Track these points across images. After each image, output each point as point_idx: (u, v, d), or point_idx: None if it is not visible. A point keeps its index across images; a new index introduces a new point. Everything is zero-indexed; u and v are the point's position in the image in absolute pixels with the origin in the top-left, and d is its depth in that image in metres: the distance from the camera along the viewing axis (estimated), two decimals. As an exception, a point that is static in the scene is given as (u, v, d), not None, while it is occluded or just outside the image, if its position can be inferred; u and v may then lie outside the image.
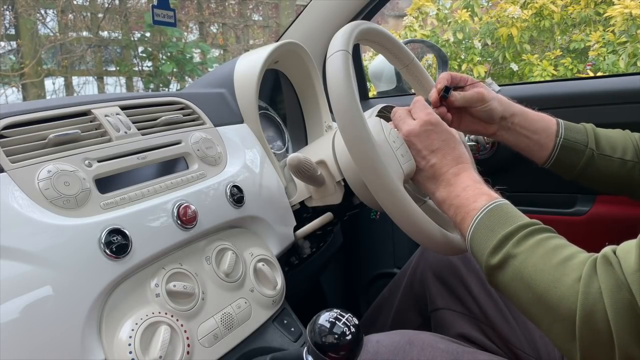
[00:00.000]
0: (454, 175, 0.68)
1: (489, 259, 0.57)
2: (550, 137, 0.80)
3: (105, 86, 4.43)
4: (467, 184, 0.66)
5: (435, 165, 0.70)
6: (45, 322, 0.51)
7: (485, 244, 0.58)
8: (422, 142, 0.71)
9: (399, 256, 1.42)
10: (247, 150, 0.84)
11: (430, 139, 0.71)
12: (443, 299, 0.92)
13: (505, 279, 0.55)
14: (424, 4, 3.80)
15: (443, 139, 0.71)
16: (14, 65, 3.92)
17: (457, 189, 0.66)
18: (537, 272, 0.52)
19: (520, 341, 0.84)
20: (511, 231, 0.56)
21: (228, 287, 0.68)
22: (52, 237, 0.54)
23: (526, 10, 3.60)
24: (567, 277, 0.50)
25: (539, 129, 0.80)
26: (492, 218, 0.59)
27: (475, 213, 0.61)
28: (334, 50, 0.69)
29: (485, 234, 0.58)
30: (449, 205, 0.66)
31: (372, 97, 1.55)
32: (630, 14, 3.17)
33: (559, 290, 0.50)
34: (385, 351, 0.69)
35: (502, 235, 0.56)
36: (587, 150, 0.79)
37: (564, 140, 0.79)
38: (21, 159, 0.58)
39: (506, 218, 0.58)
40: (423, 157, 0.71)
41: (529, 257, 0.53)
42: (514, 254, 0.55)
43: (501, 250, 0.56)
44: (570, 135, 0.80)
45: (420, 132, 0.71)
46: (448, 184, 0.67)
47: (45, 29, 4.16)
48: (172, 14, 1.35)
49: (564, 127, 0.80)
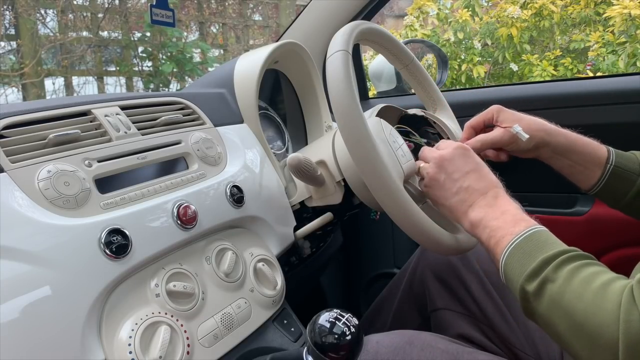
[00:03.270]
0: (493, 197, 0.65)
1: (525, 284, 0.54)
2: (599, 166, 0.76)
3: (105, 86, 4.43)
4: (506, 208, 0.63)
5: (470, 188, 0.67)
6: (45, 322, 0.51)
7: (522, 268, 0.55)
8: (455, 164, 0.69)
9: (398, 256, 1.42)
10: (247, 150, 0.84)
11: (463, 161, 0.69)
12: (443, 299, 0.92)
13: (542, 306, 0.53)
14: (425, 4, 3.80)
15: (477, 162, 0.69)
16: (14, 65, 3.92)
17: (496, 212, 0.63)
18: (575, 298, 0.50)
19: (520, 341, 0.84)
20: (550, 256, 0.54)
21: (228, 287, 0.68)
22: (52, 237, 0.54)
23: (526, 10, 3.60)
24: (608, 302, 0.48)
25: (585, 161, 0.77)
26: (531, 243, 0.57)
27: (512, 237, 0.58)
28: (334, 50, 0.69)
29: (522, 258, 0.56)
30: (483, 227, 0.63)
31: (372, 97, 1.55)
32: (630, 14, 3.17)
33: (599, 317, 0.48)
34: (385, 351, 0.69)
35: (540, 260, 0.54)
36: (639, 180, 0.75)
37: (614, 168, 0.76)
38: (21, 159, 0.58)
39: (545, 244, 0.56)
40: (456, 180, 0.68)
41: (568, 283, 0.52)
42: (553, 279, 0.53)
43: (539, 275, 0.54)
44: (621, 162, 0.76)
45: (452, 155, 0.69)
46: (487, 205, 0.65)
47: (45, 29, 4.16)
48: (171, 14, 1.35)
49: (615, 154, 0.77)
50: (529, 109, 0.82)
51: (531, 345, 0.83)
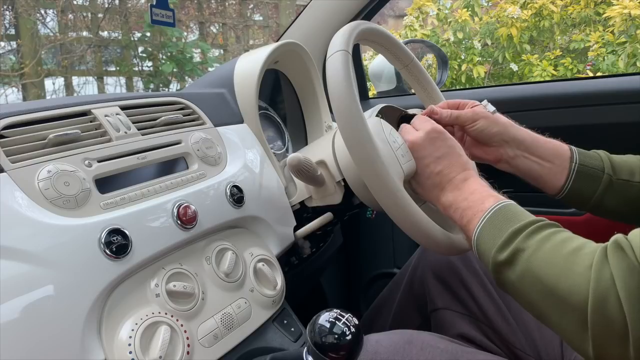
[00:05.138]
0: (462, 180, 0.67)
1: (497, 255, 0.56)
2: (564, 163, 0.76)
3: (105, 86, 4.43)
4: (474, 188, 0.65)
5: (441, 172, 0.69)
6: (45, 322, 0.51)
7: (493, 241, 0.57)
8: (428, 149, 0.70)
9: (398, 256, 1.42)
10: (247, 150, 0.84)
11: (436, 146, 0.70)
12: (443, 299, 0.92)
13: (514, 275, 0.54)
14: (425, 4, 3.80)
15: (449, 146, 0.70)
16: (14, 65, 3.92)
17: (465, 193, 0.65)
18: (547, 264, 0.51)
19: (520, 341, 0.84)
20: (519, 227, 0.55)
21: (228, 287, 0.68)
22: (52, 237, 0.54)
23: (526, 10, 3.60)
24: (578, 266, 0.49)
25: (550, 155, 0.77)
26: (500, 217, 0.59)
27: (482, 214, 0.60)
28: (334, 50, 0.69)
29: (492, 232, 0.58)
30: (455, 209, 0.66)
31: (372, 97, 1.55)
32: (630, 15, 3.17)
33: (570, 279, 0.49)
34: (385, 351, 0.69)
35: (510, 231, 0.56)
36: (604, 176, 0.75)
37: (580, 166, 0.76)
38: (21, 159, 0.58)
39: (514, 216, 0.58)
40: (428, 165, 0.70)
41: (538, 250, 0.53)
42: (523, 247, 0.54)
43: (510, 245, 0.55)
44: (586, 160, 0.76)
45: (425, 139, 0.71)
46: (455, 188, 0.67)
47: (45, 29, 4.16)
48: (171, 14, 1.35)
49: (578, 152, 0.77)
50: (529, 109, 0.82)
51: (531, 346, 0.83)
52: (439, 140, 0.71)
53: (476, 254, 0.61)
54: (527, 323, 0.84)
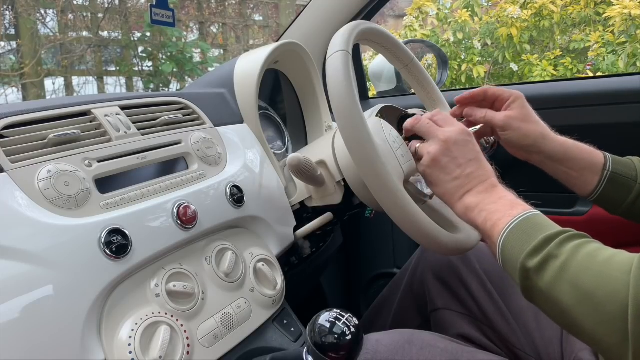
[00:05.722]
0: (491, 185, 0.66)
1: (526, 261, 0.54)
2: (596, 172, 0.76)
3: (105, 86, 4.43)
4: (503, 195, 0.64)
5: (471, 175, 0.67)
6: (45, 322, 0.51)
7: (522, 247, 0.55)
8: (460, 150, 0.68)
9: (398, 256, 1.42)
10: (247, 150, 0.84)
11: (468, 148, 0.68)
12: (443, 299, 0.92)
13: (545, 281, 0.52)
14: (424, 4, 3.80)
15: (478, 151, 0.69)
16: (14, 65, 3.92)
17: (493, 197, 0.64)
18: (583, 270, 0.50)
19: (520, 341, 0.84)
20: (551, 235, 0.54)
21: (228, 287, 0.68)
22: (52, 237, 0.54)
23: (526, 10, 3.60)
24: (616, 271, 0.48)
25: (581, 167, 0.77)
26: (529, 224, 0.57)
27: (510, 219, 0.59)
28: (334, 50, 0.69)
29: (521, 238, 0.56)
30: (479, 211, 0.63)
31: (372, 97, 1.55)
32: (630, 15, 3.17)
33: (608, 285, 0.48)
34: (385, 350, 0.69)
35: (542, 238, 0.54)
36: (636, 186, 0.75)
37: (612, 174, 0.75)
38: (21, 159, 0.58)
39: (544, 225, 0.57)
40: (459, 165, 0.68)
41: (573, 257, 0.51)
42: (556, 254, 0.52)
43: (541, 252, 0.53)
44: (618, 169, 0.76)
45: (459, 139, 0.68)
46: (484, 191, 0.65)
47: (45, 29, 4.16)
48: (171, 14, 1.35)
49: (612, 161, 0.76)
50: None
51: (531, 346, 0.83)
52: (471, 144, 0.69)
53: (500, 258, 0.59)
54: (527, 323, 0.84)
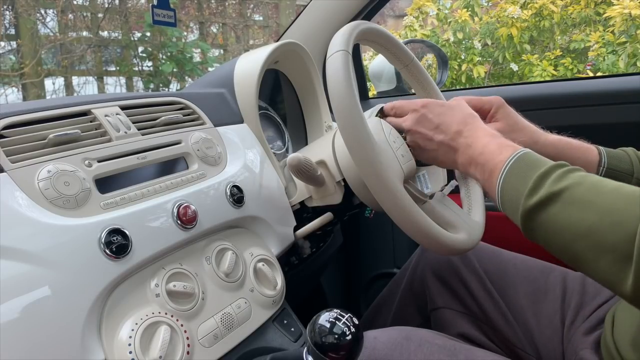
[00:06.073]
0: (469, 137, 0.66)
1: (526, 201, 0.53)
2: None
3: (105, 86, 4.43)
4: (487, 141, 0.64)
5: (444, 140, 0.69)
6: (45, 322, 0.51)
7: (519, 189, 0.55)
8: (423, 126, 0.70)
9: (398, 256, 1.42)
10: (247, 150, 0.84)
11: (428, 119, 0.70)
12: (443, 298, 0.93)
13: (547, 218, 0.52)
14: (424, 4, 3.80)
15: (438, 113, 0.70)
16: (14, 65, 3.92)
17: (478, 148, 0.64)
18: (586, 203, 0.49)
19: (519, 340, 0.84)
20: (546, 170, 0.54)
21: (228, 287, 0.68)
22: (52, 237, 0.54)
23: (526, 10, 3.60)
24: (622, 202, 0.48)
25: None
26: (521, 165, 0.57)
27: (502, 165, 0.59)
28: (334, 50, 0.69)
29: (517, 180, 0.56)
30: (474, 166, 0.64)
31: (372, 97, 1.55)
32: (630, 14, 3.17)
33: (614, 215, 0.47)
34: (383, 347, 0.69)
35: (537, 176, 0.54)
36: (632, 180, 0.74)
37: (607, 170, 0.75)
38: (21, 159, 0.58)
39: (536, 162, 0.56)
40: (430, 139, 0.70)
41: (573, 191, 0.51)
42: (555, 189, 0.52)
43: (540, 189, 0.53)
44: (613, 164, 0.75)
45: (415, 119, 0.71)
46: (467, 147, 0.66)
47: (45, 29, 4.16)
48: (172, 14, 1.35)
49: (607, 155, 0.76)
50: (529, 109, 0.82)
51: (531, 344, 0.83)
52: (429, 113, 0.70)
53: (500, 206, 0.59)
54: (527, 322, 0.84)
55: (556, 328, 0.82)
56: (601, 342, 0.72)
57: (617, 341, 0.67)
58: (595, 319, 0.77)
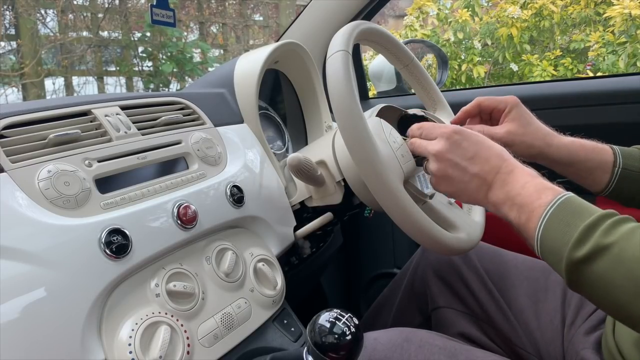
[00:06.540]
0: (507, 173, 0.61)
1: (573, 253, 0.50)
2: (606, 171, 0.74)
3: (105, 86, 4.43)
4: (525, 180, 0.59)
5: (479, 173, 0.62)
6: (45, 322, 0.51)
7: (563, 238, 0.52)
8: (457, 154, 0.63)
9: (399, 256, 1.42)
10: (247, 150, 0.84)
11: (463, 147, 0.63)
12: (444, 297, 0.93)
13: (598, 272, 0.49)
14: (425, 4, 3.80)
15: (475, 142, 0.64)
16: (14, 65, 3.92)
17: (516, 187, 0.59)
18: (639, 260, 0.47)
19: (521, 339, 0.84)
20: (593, 221, 0.51)
21: (228, 287, 0.68)
22: (52, 237, 0.54)
23: (526, 11, 3.60)
24: None
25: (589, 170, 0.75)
26: (565, 211, 0.53)
27: (543, 209, 0.55)
28: (334, 50, 0.69)
29: (560, 228, 0.53)
30: (510, 206, 0.59)
31: (372, 97, 1.55)
32: (630, 15, 3.17)
33: None
34: (383, 348, 0.69)
35: (584, 226, 0.50)
36: None
37: (623, 171, 0.73)
38: (21, 159, 0.58)
39: (581, 209, 0.53)
40: (463, 170, 0.63)
41: (627, 244, 0.48)
42: (606, 243, 0.49)
43: (588, 241, 0.50)
44: (629, 164, 0.73)
45: (450, 146, 0.64)
46: (503, 184, 0.60)
47: (45, 29, 4.16)
48: (172, 14, 1.35)
49: (622, 155, 0.74)
50: (529, 109, 0.82)
51: (532, 344, 0.83)
52: (464, 141, 0.64)
53: (539, 252, 0.56)
54: (528, 322, 0.84)
55: (557, 328, 0.82)
56: (602, 343, 0.72)
57: (618, 341, 0.67)
58: (595, 319, 0.77)
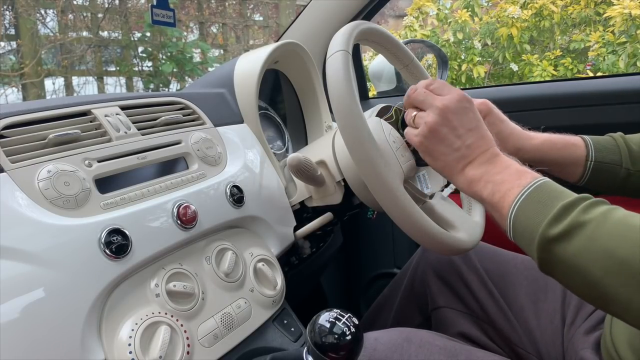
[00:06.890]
0: (494, 155, 0.62)
1: (547, 230, 0.50)
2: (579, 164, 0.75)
3: (105, 86, 4.43)
4: (509, 163, 0.61)
5: (472, 145, 0.62)
6: (45, 322, 0.51)
7: (539, 217, 0.52)
8: (459, 119, 0.63)
9: (399, 256, 1.42)
10: (247, 150, 0.84)
11: (468, 116, 0.63)
12: (444, 297, 0.93)
13: (571, 251, 0.49)
14: (424, 4, 3.80)
15: (479, 118, 0.64)
16: (14, 65, 3.92)
17: (498, 167, 0.60)
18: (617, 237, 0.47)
19: (520, 339, 0.84)
20: (570, 202, 0.51)
21: (228, 287, 0.68)
22: (52, 237, 0.54)
23: (526, 11, 3.60)
24: None
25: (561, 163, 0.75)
26: (543, 192, 0.54)
27: (520, 189, 0.55)
28: (334, 50, 0.69)
29: (537, 207, 0.53)
30: (485, 183, 0.60)
31: (372, 97, 1.55)
32: (630, 14, 3.17)
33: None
34: (383, 348, 0.69)
35: (562, 205, 0.51)
36: (622, 170, 0.74)
37: (595, 164, 0.74)
38: (21, 159, 0.58)
39: (558, 192, 0.53)
40: (459, 136, 0.63)
41: (602, 224, 0.48)
42: (582, 221, 0.49)
43: (564, 220, 0.50)
44: (601, 156, 0.74)
45: (458, 108, 0.63)
46: (487, 162, 0.61)
47: (45, 29, 4.16)
48: (172, 14, 1.35)
49: (594, 147, 0.74)
50: (529, 109, 0.82)
51: (532, 344, 0.83)
52: (470, 111, 0.64)
53: (511, 231, 0.56)
54: (528, 321, 0.84)
55: (557, 328, 0.82)
56: (601, 343, 0.72)
57: (614, 341, 0.67)
58: (595, 318, 0.77)
